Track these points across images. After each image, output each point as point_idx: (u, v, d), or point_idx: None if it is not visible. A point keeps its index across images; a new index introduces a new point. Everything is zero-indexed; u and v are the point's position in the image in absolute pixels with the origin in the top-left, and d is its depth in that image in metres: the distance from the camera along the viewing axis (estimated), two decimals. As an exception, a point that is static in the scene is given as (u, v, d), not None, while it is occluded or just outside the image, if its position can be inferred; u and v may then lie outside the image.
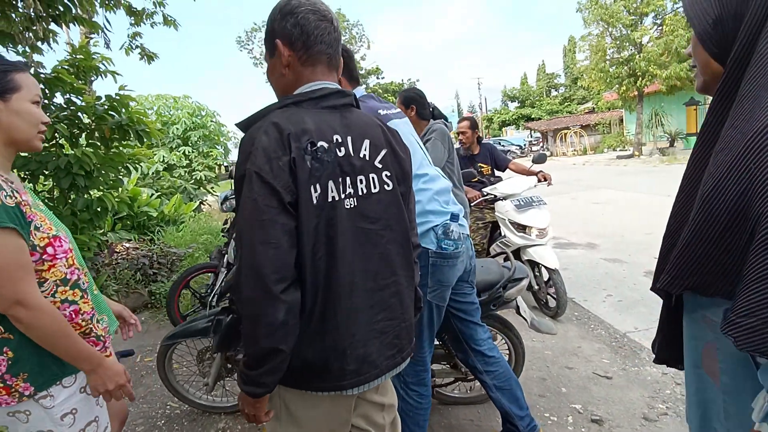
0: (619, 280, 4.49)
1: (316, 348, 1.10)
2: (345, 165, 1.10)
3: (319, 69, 1.17)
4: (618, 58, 20.65)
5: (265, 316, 1.00)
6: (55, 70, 3.71)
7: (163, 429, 2.59)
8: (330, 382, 1.13)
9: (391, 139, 1.25)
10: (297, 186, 1.02)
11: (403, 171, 1.26)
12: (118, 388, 1.33)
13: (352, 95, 1.21)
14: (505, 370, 2.05)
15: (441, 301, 1.79)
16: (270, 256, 0.99)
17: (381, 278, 1.17)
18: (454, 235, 1.73)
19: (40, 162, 3.66)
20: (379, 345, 1.17)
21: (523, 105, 50.13)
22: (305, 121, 1.07)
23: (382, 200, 1.17)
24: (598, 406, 2.48)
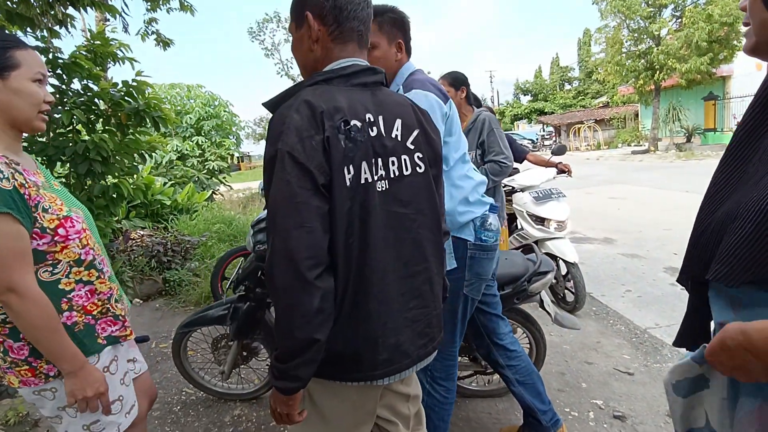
0: (638, 276, 4.40)
1: (347, 337, 1.05)
2: (377, 145, 1.06)
3: (350, 46, 1.12)
4: (635, 51, 20.26)
5: (300, 305, 0.95)
6: (73, 55, 3.71)
7: (179, 414, 2.59)
8: (361, 372, 1.09)
9: (423, 120, 1.20)
10: (331, 167, 0.97)
11: (435, 153, 1.21)
12: (97, 396, 1.24)
13: (382, 73, 1.15)
14: (527, 365, 2.01)
15: (476, 295, 1.73)
16: (304, 241, 0.94)
17: (413, 264, 1.13)
18: (493, 227, 1.67)
19: (57, 147, 3.66)
20: (410, 334, 1.13)
21: (536, 98, 49.58)
22: (337, 99, 1.02)
23: (414, 183, 1.13)
24: (620, 402, 2.43)
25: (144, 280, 4.63)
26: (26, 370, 1.20)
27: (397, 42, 1.65)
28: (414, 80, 1.63)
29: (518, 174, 4.14)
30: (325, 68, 1.11)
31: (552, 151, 4.15)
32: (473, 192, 1.69)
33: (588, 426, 2.25)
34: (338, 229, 0.99)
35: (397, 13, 1.66)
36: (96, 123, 4.16)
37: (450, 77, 2.90)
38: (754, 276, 0.76)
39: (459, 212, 1.64)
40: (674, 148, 19.51)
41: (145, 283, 4.61)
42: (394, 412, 1.31)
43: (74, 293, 1.25)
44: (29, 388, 1.23)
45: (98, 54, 3.98)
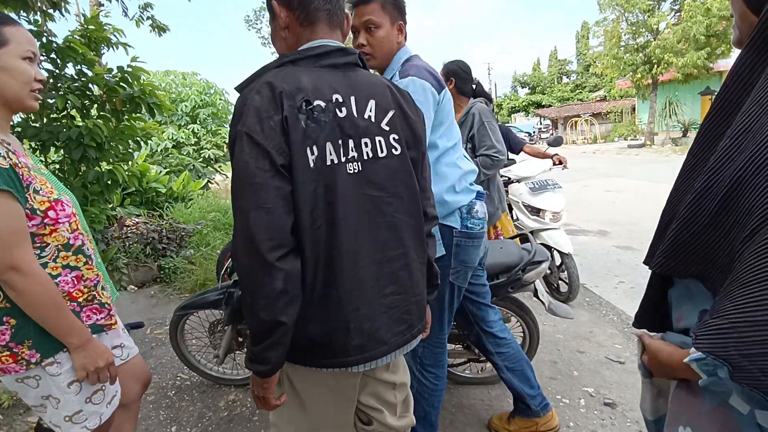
0: (631, 268, 4.44)
1: (318, 321, 1.05)
2: (347, 126, 1.04)
3: (319, 27, 1.10)
4: (633, 44, 20.22)
5: (262, 286, 0.95)
6: (68, 39, 3.67)
7: (174, 399, 2.60)
8: (335, 358, 1.07)
9: (401, 100, 1.16)
10: (290, 147, 0.96)
11: (414, 135, 1.17)
12: (107, 366, 1.25)
13: (356, 54, 1.13)
14: (516, 351, 2.03)
15: (462, 282, 1.75)
16: (264, 222, 0.93)
17: (389, 249, 1.11)
18: (479, 215, 1.68)
19: (51, 133, 3.63)
20: (387, 320, 1.11)
21: (533, 91, 49.51)
22: (301, 79, 1.00)
23: (389, 165, 1.10)
24: (610, 389, 2.46)
25: (139, 267, 4.62)
26: (7, 356, 1.17)
27: (398, 23, 1.64)
28: (410, 66, 1.62)
29: (514, 165, 4.15)
30: None
31: (548, 142, 4.16)
32: (460, 180, 1.69)
33: (579, 413, 2.28)
34: (303, 211, 0.98)
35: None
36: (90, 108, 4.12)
37: (444, 68, 2.89)
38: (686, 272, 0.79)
39: (445, 200, 1.64)
40: (670, 143, 19.57)
41: (140, 270, 4.61)
42: (380, 400, 1.31)
43: (60, 278, 1.23)
44: (11, 375, 1.20)
45: (92, 39, 3.93)
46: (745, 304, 0.61)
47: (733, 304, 0.63)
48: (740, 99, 0.74)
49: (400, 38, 1.67)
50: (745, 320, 0.61)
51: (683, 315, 0.84)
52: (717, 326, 0.63)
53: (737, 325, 0.61)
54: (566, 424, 2.20)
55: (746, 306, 0.61)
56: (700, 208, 0.73)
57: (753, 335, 0.60)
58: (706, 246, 0.74)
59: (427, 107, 1.56)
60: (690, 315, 0.82)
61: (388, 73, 1.67)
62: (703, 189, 0.73)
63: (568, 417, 2.25)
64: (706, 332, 0.65)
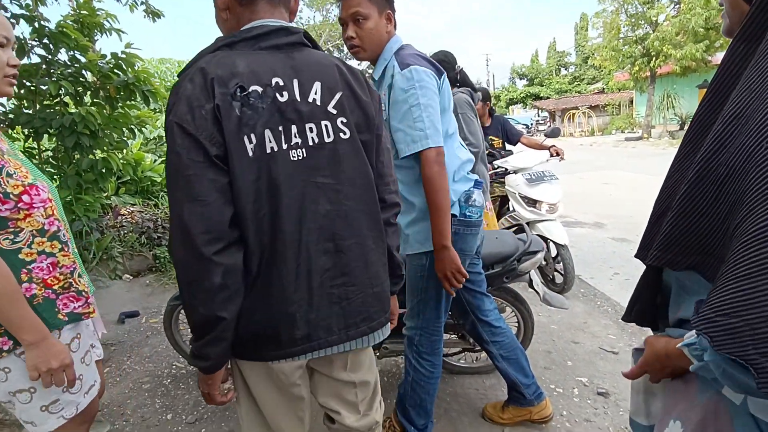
0: (626, 259, 4.46)
1: (263, 313, 1.02)
2: (288, 111, 0.99)
3: (259, 7, 1.04)
4: (632, 36, 20.15)
5: (200, 281, 0.92)
6: (60, 24, 3.61)
7: (169, 387, 2.61)
8: (279, 350, 1.04)
9: (351, 81, 1.10)
10: (224, 137, 0.92)
11: (367, 117, 1.11)
12: (62, 368, 1.18)
13: (301, 32, 1.06)
14: (511, 341, 2.04)
15: None
16: (199, 215, 0.90)
17: (340, 239, 1.06)
18: (477, 203, 1.68)
19: (44, 119, 3.59)
20: (338, 311, 1.08)
21: (531, 83, 49.35)
22: (236, 64, 0.96)
23: (337, 151, 1.05)
24: (603, 379, 2.48)
25: (134, 256, 4.61)
26: None
27: (386, 13, 1.61)
28: (407, 55, 1.59)
29: (511, 156, 4.14)
30: None
31: (545, 134, 4.15)
32: (459, 170, 1.68)
33: (572, 402, 2.30)
34: (244, 201, 0.95)
35: None
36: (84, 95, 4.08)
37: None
38: (683, 263, 0.77)
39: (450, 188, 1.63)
40: (667, 136, 19.58)
41: (135, 259, 4.59)
42: (339, 400, 1.27)
43: (35, 264, 1.20)
44: None
45: (85, 24, 3.88)
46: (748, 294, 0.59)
47: (740, 296, 0.60)
48: (732, 88, 0.72)
49: (389, 28, 1.63)
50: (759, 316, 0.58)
51: (680, 307, 0.84)
52: (730, 325, 0.60)
53: (752, 323, 0.58)
54: (560, 413, 2.21)
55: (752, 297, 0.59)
56: (694, 198, 0.72)
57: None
58: (703, 236, 0.73)
59: (432, 94, 1.54)
60: (687, 306, 0.82)
61: (380, 64, 1.64)
62: (696, 178, 0.72)
63: (562, 406, 2.26)
64: (721, 330, 0.62)
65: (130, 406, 2.47)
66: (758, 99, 0.64)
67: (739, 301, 0.59)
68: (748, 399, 0.69)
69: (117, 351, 3.11)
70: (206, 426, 2.26)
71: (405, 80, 1.52)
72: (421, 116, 1.49)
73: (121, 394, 2.59)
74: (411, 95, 1.51)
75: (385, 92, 1.60)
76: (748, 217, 0.60)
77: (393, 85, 1.55)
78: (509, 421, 2.10)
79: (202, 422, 2.29)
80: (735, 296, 0.60)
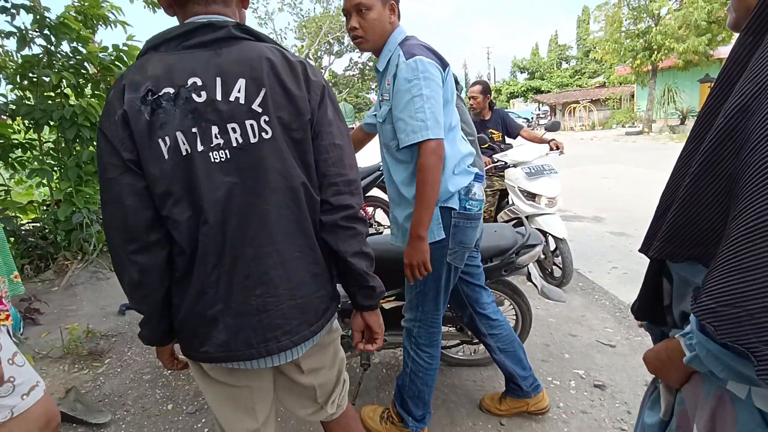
0: (624, 253, 4.47)
1: (187, 314, 1.04)
2: (207, 112, 0.95)
3: (191, 4, 1.01)
4: (634, 30, 20.03)
5: (122, 275, 1.01)
6: (62, 16, 3.60)
7: (170, 378, 2.64)
8: (203, 352, 1.06)
9: (282, 75, 1.00)
10: (135, 142, 0.93)
11: (299, 113, 1.02)
12: None
13: (229, 26, 1.00)
14: (509, 333, 2.06)
15: (459, 263, 1.76)
16: (117, 217, 0.97)
17: (258, 245, 1.01)
18: (477, 196, 1.69)
19: (45, 111, 3.60)
20: (256, 323, 1.03)
21: (532, 77, 49.14)
22: (150, 67, 0.95)
23: (261, 151, 0.99)
24: (600, 372, 2.50)
25: (135, 248, 4.62)
26: None
27: (389, 3, 1.61)
28: (413, 46, 1.59)
29: (511, 149, 4.14)
30: None
31: (545, 127, 4.15)
32: (460, 163, 1.69)
33: (569, 394, 2.32)
34: (163, 204, 0.97)
35: None
36: (85, 87, 4.08)
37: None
38: (685, 254, 0.78)
39: (445, 182, 1.64)
40: (668, 130, 19.53)
41: (136, 251, 4.61)
42: (296, 400, 1.31)
43: None
44: None
45: (88, 15, 3.87)
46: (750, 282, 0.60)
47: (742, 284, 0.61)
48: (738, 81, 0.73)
49: (392, 18, 1.64)
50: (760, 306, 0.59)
51: (683, 300, 0.85)
52: (733, 315, 0.62)
53: (752, 312, 0.60)
54: (556, 404, 2.24)
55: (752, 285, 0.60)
56: (696, 190, 0.73)
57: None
58: (705, 228, 0.74)
59: (436, 86, 1.55)
60: (689, 300, 0.82)
61: (384, 56, 1.65)
62: (699, 171, 0.73)
63: (559, 398, 2.29)
64: (723, 319, 0.63)
65: (131, 397, 2.50)
66: (763, 92, 0.64)
67: (741, 291, 0.60)
68: (753, 393, 0.69)
69: (117, 342, 3.14)
70: (206, 416, 2.28)
71: (410, 70, 1.52)
72: (423, 107, 1.50)
73: (122, 385, 2.61)
74: (414, 85, 1.51)
75: (389, 82, 1.60)
76: (747, 208, 0.61)
77: (397, 74, 1.56)
78: (506, 412, 2.12)
79: (203, 412, 2.31)
80: (737, 286, 0.61)
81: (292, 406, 1.32)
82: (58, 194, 4.04)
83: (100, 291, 3.94)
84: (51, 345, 3.01)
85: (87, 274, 4.09)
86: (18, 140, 4.00)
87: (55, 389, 2.57)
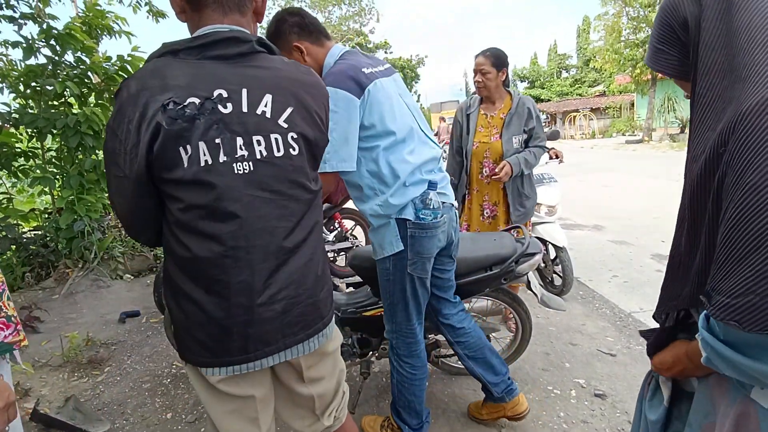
0: (625, 262, 4.47)
1: (206, 321, 1.03)
2: (233, 123, 0.97)
3: (206, 14, 1.02)
4: (633, 39, 20.17)
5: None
6: (68, 26, 3.64)
7: (169, 387, 2.63)
8: (216, 357, 1.05)
9: (303, 93, 1.07)
10: (154, 147, 0.93)
11: (320, 130, 1.12)
12: (6, 407, 0.98)
13: (253, 41, 1.02)
14: (477, 340, 2.03)
15: (422, 273, 1.74)
16: (124, 208, 1.04)
17: (283, 254, 1.06)
18: (433, 204, 1.65)
19: (48, 119, 3.63)
20: (278, 324, 1.07)
21: (532, 85, 49.33)
22: (173, 74, 0.94)
23: (287, 165, 1.03)
24: (601, 381, 2.49)
25: (135, 256, 4.63)
26: None
27: (294, 46, 1.63)
28: (330, 74, 1.57)
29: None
30: None
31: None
32: (414, 172, 1.66)
33: (570, 403, 2.32)
34: (179, 211, 0.98)
35: (281, 21, 1.62)
36: (89, 96, 4.11)
37: (493, 56, 2.73)
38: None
39: (390, 202, 1.63)
40: (668, 139, 19.58)
41: (136, 259, 4.62)
42: (294, 411, 1.30)
43: None
44: None
45: (93, 26, 3.92)
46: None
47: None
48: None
49: (314, 53, 1.65)
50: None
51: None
52: (748, 303, 0.61)
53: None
54: (557, 414, 2.23)
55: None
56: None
57: None
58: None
59: (344, 116, 1.52)
60: None
61: None
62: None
63: (559, 407, 2.28)
64: (742, 311, 0.62)
65: (130, 405, 2.49)
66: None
67: (748, 277, 0.61)
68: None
69: (117, 350, 3.14)
70: (206, 425, 2.27)
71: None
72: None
73: (122, 393, 2.61)
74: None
75: None
76: (736, 200, 0.63)
77: None
78: (488, 417, 2.15)
79: (202, 421, 2.31)
80: (744, 273, 0.61)
81: (290, 417, 1.31)
82: (60, 202, 4.05)
83: (101, 299, 3.95)
84: (51, 353, 3.01)
85: (87, 282, 4.09)
86: (21, 149, 4.03)
87: (54, 398, 2.57)
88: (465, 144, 2.95)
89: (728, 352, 0.66)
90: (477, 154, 2.89)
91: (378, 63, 1.72)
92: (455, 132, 3.04)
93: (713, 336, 0.69)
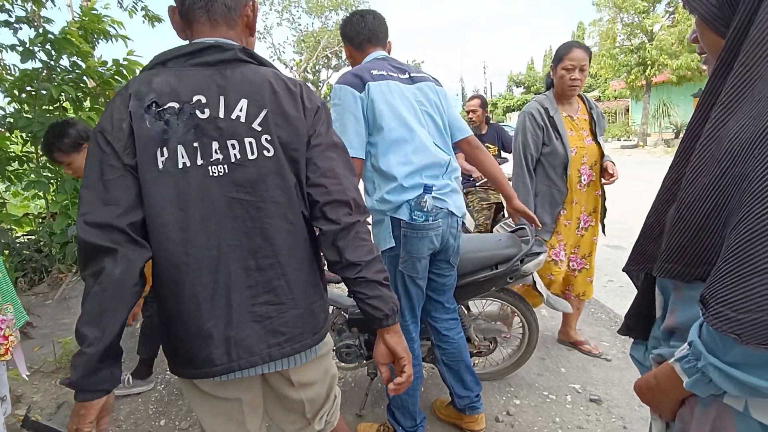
0: (620, 266, 4.45)
1: (182, 331, 1.04)
2: (209, 128, 1.00)
3: (196, 27, 1.08)
4: (628, 45, 20.34)
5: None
6: (64, 31, 3.64)
7: (163, 393, 2.62)
8: (197, 369, 1.05)
9: (282, 97, 1.07)
10: (136, 149, 0.97)
11: (297, 133, 1.07)
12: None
13: (235, 48, 1.05)
14: (457, 353, 2.04)
15: (412, 272, 1.78)
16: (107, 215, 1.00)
17: (261, 257, 1.05)
18: (427, 207, 1.70)
19: (43, 124, 3.61)
20: (260, 330, 1.06)
21: (528, 91, 49.58)
22: (158, 80, 1.01)
23: (260, 168, 1.03)
24: (596, 386, 2.49)
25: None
26: None
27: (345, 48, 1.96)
28: (341, 75, 1.77)
29: (507, 163, 4.18)
30: None
31: (541, 142, 4.17)
32: (409, 177, 1.71)
33: (565, 409, 2.31)
34: (153, 212, 0.98)
35: (341, 26, 1.93)
36: (84, 101, 4.10)
37: (589, 50, 2.56)
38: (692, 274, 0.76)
39: (387, 199, 1.72)
40: (663, 144, 19.70)
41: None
42: (285, 415, 1.30)
43: None
44: None
45: (89, 30, 3.91)
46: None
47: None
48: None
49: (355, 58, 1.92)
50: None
51: (674, 314, 0.83)
52: (757, 320, 0.59)
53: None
54: (552, 419, 2.23)
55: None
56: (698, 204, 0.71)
57: None
58: (709, 246, 0.71)
59: (344, 107, 1.70)
60: (681, 313, 0.81)
61: None
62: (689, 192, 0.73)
63: (554, 413, 2.28)
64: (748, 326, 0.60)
65: (123, 412, 2.47)
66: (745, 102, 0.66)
67: (761, 294, 0.58)
68: (749, 404, 0.68)
69: (112, 356, 3.11)
70: (198, 430, 2.26)
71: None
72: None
73: (114, 400, 2.58)
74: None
75: None
76: (753, 208, 0.60)
77: None
78: (446, 418, 2.20)
79: (195, 428, 2.29)
80: (756, 290, 0.59)
81: (281, 421, 1.31)
82: (54, 207, 4.03)
83: (95, 304, 3.92)
84: (43, 359, 2.98)
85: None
86: (15, 153, 4.01)
87: (46, 404, 2.54)
88: (555, 152, 2.51)
89: (735, 372, 0.64)
90: (575, 161, 2.53)
91: (402, 70, 1.84)
92: (530, 142, 2.54)
93: (716, 357, 0.66)
